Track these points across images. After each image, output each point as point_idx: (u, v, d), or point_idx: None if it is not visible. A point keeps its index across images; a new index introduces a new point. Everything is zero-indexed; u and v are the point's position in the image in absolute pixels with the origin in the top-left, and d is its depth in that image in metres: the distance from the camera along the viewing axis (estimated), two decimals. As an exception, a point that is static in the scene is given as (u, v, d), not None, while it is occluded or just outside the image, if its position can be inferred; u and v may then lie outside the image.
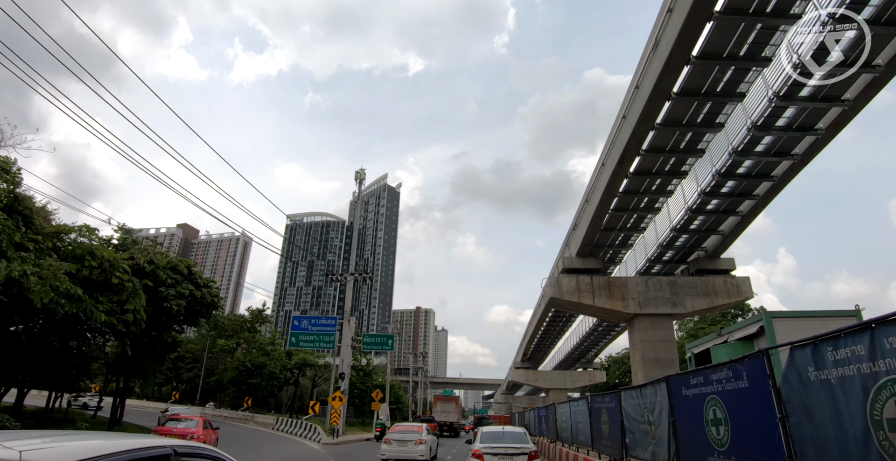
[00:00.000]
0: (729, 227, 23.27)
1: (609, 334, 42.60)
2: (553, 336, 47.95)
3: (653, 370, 22.89)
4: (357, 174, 63.15)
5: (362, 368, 49.73)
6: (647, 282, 24.82)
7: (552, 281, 24.52)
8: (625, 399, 10.62)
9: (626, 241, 25.73)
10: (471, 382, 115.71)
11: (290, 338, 33.35)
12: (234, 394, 40.61)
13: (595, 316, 26.31)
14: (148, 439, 2.51)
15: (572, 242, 25.93)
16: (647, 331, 23.83)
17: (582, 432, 15.34)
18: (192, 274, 24.47)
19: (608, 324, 37.74)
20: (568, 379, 52.57)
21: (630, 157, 18.36)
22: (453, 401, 45.07)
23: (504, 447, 11.06)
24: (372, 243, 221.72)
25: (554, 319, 39.97)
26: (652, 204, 22.28)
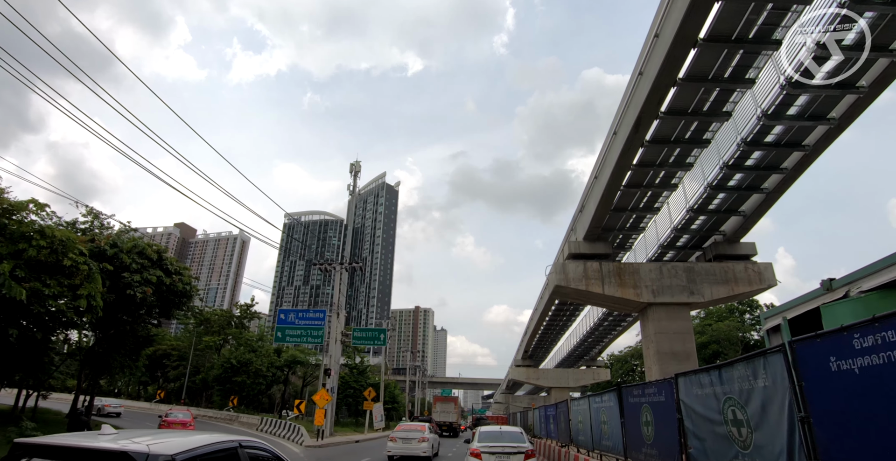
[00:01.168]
0: (752, 206, 21.13)
1: (614, 330, 40.41)
2: (556, 332, 45.73)
3: (669, 364, 20.75)
4: (352, 166, 61.03)
5: (356, 366, 47.55)
6: (662, 268, 22.67)
7: (557, 267, 22.36)
8: (685, 388, 7.64)
9: (638, 224, 23.58)
10: (470, 382, 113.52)
11: (276, 332, 31.22)
12: (219, 393, 38.41)
13: (604, 306, 24.16)
14: (222, 435, 3.76)
15: (578, 226, 23.77)
16: (662, 322, 21.68)
17: (609, 435, 12.42)
18: (163, 259, 22.28)
19: (614, 318, 35.56)
20: (571, 377, 50.38)
21: (647, 120, 16.20)
22: (452, 401, 45.43)
23: (501, 446, 11.22)
24: (370, 242, 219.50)
25: (557, 314, 37.77)
26: (668, 179, 20.13)
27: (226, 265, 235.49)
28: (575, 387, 51.94)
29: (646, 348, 22.41)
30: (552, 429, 21.63)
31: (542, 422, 24.21)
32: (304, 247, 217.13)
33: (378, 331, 30.78)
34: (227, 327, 42.19)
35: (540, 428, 24.37)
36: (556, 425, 20.38)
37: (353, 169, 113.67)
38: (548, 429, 22.78)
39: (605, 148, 19.54)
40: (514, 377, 52.43)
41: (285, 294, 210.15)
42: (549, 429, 22.31)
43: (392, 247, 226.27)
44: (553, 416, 21.65)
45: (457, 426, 43.16)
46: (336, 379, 29.75)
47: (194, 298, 25.25)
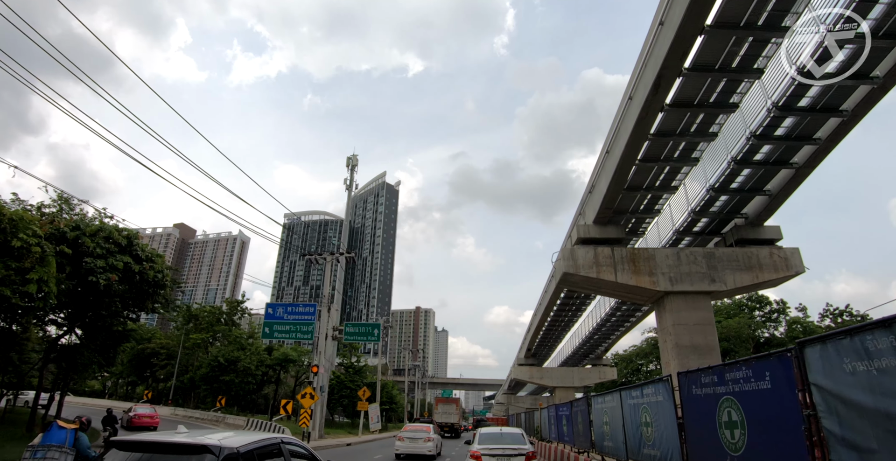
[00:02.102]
0: (779, 184, 19.16)
1: (622, 326, 38.37)
2: (560, 329, 43.70)
3: (689, 358, 18.78)
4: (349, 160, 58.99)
5: (352, 365, 45.58)
6: (679, 254, 20.68)
7: (565, 253, 20.39)
8: (825, 365, 4.75)
9: (653, 206, 21.60)
10: (471, 383, 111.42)
11: (264, 328, 29.28)
12: (205, 392, 36.45)
13: (616, 296, 22.19)
14: (269, 434, 4.78)
15: (588, 209, 21.81)
16: (681, 313, 19.69)
17: (656, 441, 9.36)
18: (133, 245, 20.35)
19: (623, 313, 33.53)
20: (576, 376, 48.30)
21: (668, 79, 14.25)
22: (454, 402, 45.99)
23: (502, 448, 11.09)
24: (370, 242, 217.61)
25: (562, 308, 35.76)
26: (688, 153, 18.17)
27: (225, 265, 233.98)
28: (580, 386, 49.88)
29: (662, 342, 20.42)
30: (565, 431, 18.82)
31: (552, 424, 21.21)
32: (305, 247, 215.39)
33: (372, 326, 28.83)
34: (215, 324, 40.24)
35: (549, 430, 21.58)
36: (572, 427, 17.42)
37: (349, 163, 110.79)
38: (559, 431, 19.91)
39: (618, 117, 17.58)
40: (517, 376, 50.37)
41: (285, 294, 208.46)
42: (562, 431, 19.42)
43: (392, 247, 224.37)
44: (567, 417, 18.55)
45: (458, 427, 43.86)
46: (327, 378, 27.80)
47: (169, 289, 23.30)
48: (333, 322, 29.36)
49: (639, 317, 36.23)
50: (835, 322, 51.82)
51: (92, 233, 18.91)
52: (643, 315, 35.57)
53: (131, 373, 48.34)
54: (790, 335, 51.44)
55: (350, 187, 55.84)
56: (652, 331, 76.86)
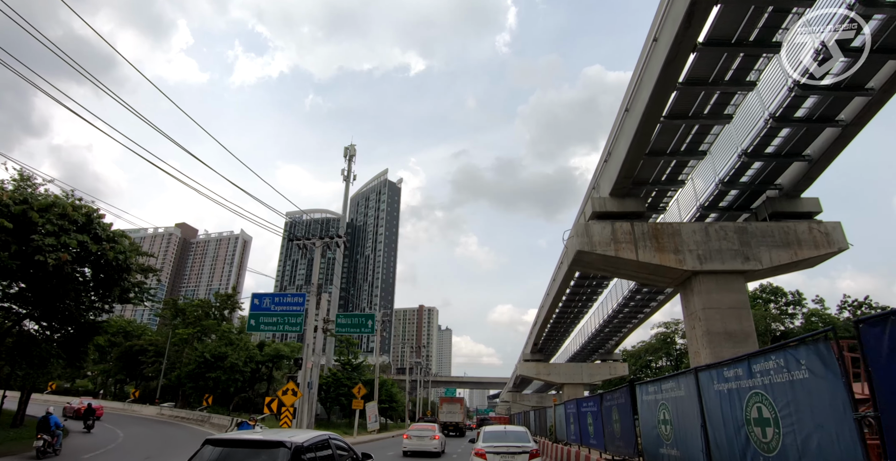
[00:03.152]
0: (820, 147, 16.76)
1: (636, 317, 35.95)
2: (568, 322, 41.28)
3: (723, 347, 16.41)
4: (346, 150, 56.59)
5: (349, 362, 43.32)
6: (708, 229, 18.29)
7: (579, 229, 18.02)
8: None
9: (676, 176, 19.20)
10: (475, 381, 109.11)
11: (249, 320, 27.01)
12: (191, 390, 34.28)
13: (636, 277, 19.79)
14: (320, 431, 6.58)
15: (603, 180, 19.43)
16: (712, 295, 17.30)
17: (792, 452, 5.93)
18: (92, 223, 18.14)
19: (638, 301, 31.11)
20: (585, 372, 45.86)
21: (703, 7, 11.88)
22: (458, 402, 46.58)
23: (506, 446, 11.20)
24: (373, 239, 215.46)
25: (571, 298, 33.34)
26: (720, 108, 15.75)
27: (227, 265, 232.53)
28: (589, 383, 47.48)
29: (690, 329, 18.02)
30: (590, 431, 14.99)
31: (572, 423, 17.45)
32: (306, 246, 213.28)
33: (365, 317, 26.52)
34: (203, 319, 38.05)
35: (566, 430, 18.05)
36: (602, 426, 13.73)
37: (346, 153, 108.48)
38: (581, 431, 16.03)
39: (640, 67, 15.18)
40: (523, 373, 47.99)
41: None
42: (585, 431, 15.55)
43: (395, 244, 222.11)
44: (594, 413, 14.48)
45: (463, 426, 44.57)
46: (316, 373, 25.55)
47: (135, 273, 21.09)
48: (324, 313, 27.11)
49: (653, 308, 33.81)
50: (854, 314, 49.24)
51: (42, 207, 16.69)
52: (658, 305, 33.15)
53: (119, 371, 46.28)
54: (808, 327, 48.82)
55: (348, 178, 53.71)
56: (661, 326, 74.57)
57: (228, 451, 5.75)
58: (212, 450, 5.70)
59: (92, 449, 17.66)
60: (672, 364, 70.42)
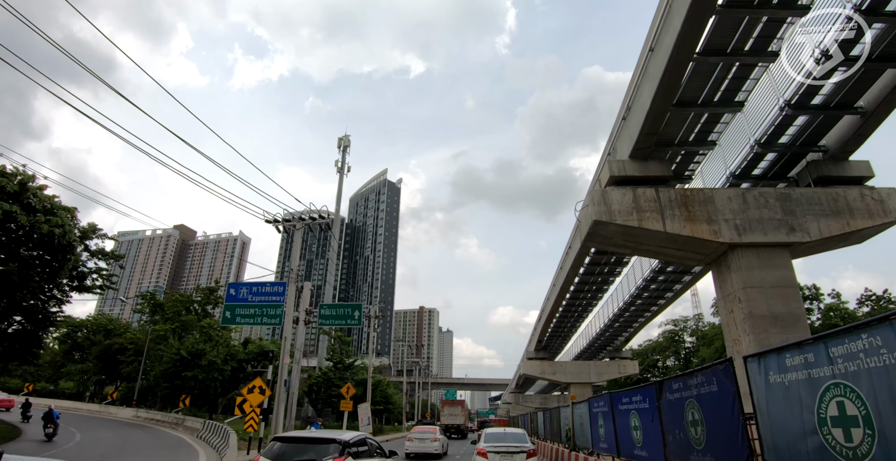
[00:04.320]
0: (877, 96, 14.14)
1: (650, 309, 33.19)
2: (576, 315, 38.49)
3: (768, 332, 13.74)
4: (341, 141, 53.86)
5: (341, 361, 40.59)
6: (745, 196, 15.62)
7: (595, 197, 15.32)
8: None
9: (706, 135, 16.50)
10: (476, 382, 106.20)
11: (224, 312, 24.29)
12: (166, 390, 31.58)
13: (661, 253, 16.95)
14: (360, 432, 8.85)
15: (621, 142, 16.75)
16: (754, 272, 14.61)
17: None
18: (26, 191, 15.52)
19: (655, 289, 28.32)
20: (593, 371, 43.05)
21: None
22: (459, 404, 47.23)
23: (506, 446, 12.02)
24: (372, 240, 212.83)
25: (580, 289, 30.56)
26: (764, 42, 13.10)
27: (226, 267, 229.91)
28: (597, 382, 44.73)
29: (726, 313, 15.29)
30: (635, 438, 10.38)
31: (602, 426, 12.87)
32: (305, 246, 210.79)
33: (352, 307, 23.83)
34: (184, 314, 35.36)
35: (594, 435, 13.47)
36: (665, 431, 8.95)
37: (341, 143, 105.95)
38: (621, 438, 11.29)
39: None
40: (526, 372, 45.19)
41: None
42: (627, 438, 10.95)
43: (395, 245, 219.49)
44: (645, 412, 9.79)
45: (464, 428, 44.99)
46: (297, 370, 22.86)
47: (79, 253, 18.46)
48: (307, 303, 24.44)
49: (668, 300, 31.07)
50: (874, 308, 46.54)
51: (-43, 171, 14.07)
52: (673, 296, 30.40)
53: (99, 372, 43.56)
54: (826, 323, 46.04)
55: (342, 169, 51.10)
56: (670, 323, 71.76)
57: (292, 446, 7.36)
58: (279, 444, 7.36)
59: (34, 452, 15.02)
60: (681, 363, 67.67)
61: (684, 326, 69.40)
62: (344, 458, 7.08)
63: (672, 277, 25.64)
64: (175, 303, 35.28)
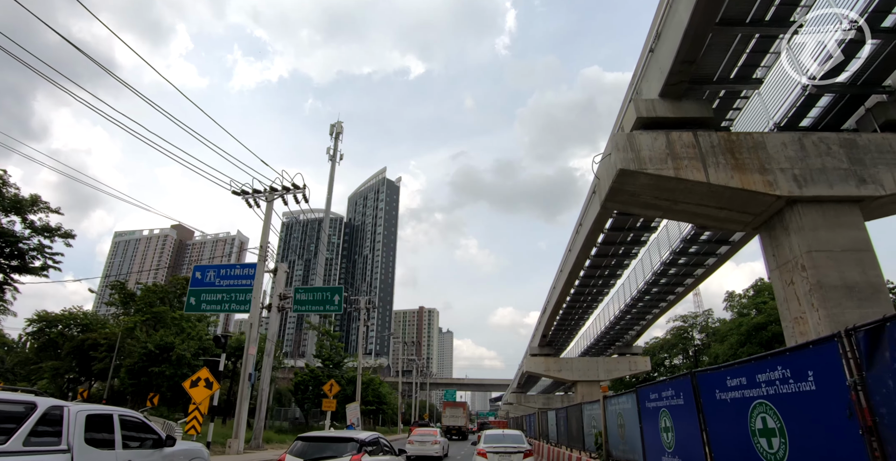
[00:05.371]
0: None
1: (666, 299, 30.16)
2: (585, 306, 35.42)
3: (843, 306, 10.84)
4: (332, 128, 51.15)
5: (329, 358, 37.61)
6: (803, 141, 12.68)
7: (620, 142, 12.37)
8: None
9: (751, 72, 13.55)
10: (477, 383, 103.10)
11: (189, 298, 21.56)
12: (132, 388, 28.64)
13: (699, 213, 13.75)
14: (373, 432, 9.61)
15: (648, 79, 13.81)
16: (819, 232, 11.67)
17: None
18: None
19: (674, 275, 25.31)
20: (601, 368, 40.00)
21: None
22: (461, 406, 48.21)
23: (504, 446, 12.59)
24: (371, 239, 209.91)
25: (590, 274, 27.55)
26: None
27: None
28: (606, 380, 41.77)
29: (783, 285, 12.32)
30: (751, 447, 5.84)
31: (667, 429, 8.26)
32: (303, 245, 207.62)
33: (330, 291, 20.94)
34: (157, 305, 32.41)
35: (646, 444, 9.26)
36: (805, 437, 5.05)
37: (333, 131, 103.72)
38: (706, 447, 6.81)
39: None
40: (530, 369, 42.15)
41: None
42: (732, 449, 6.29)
43: (394, 244, 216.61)
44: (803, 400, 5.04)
45: (465, 429, 45.55)
46: (268, 365, 19.89)
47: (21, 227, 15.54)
48: (281, 287, 21.53)
49: (687, 287, 28.04)
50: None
51: None
52: (694, 283, 27.36)
53: (71, 369, 40.60)
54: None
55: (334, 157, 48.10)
56: (678, 319, 68.77)
57: (314, 444, 8.31)
58: (302, 443, 8.24)
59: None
60: (690, 361, 64.72)
61: (693, 323, 66.46)
62: (361, 456, 7.81)
63: (693, 260, 22.56)
64: (148, 293, 32.41)
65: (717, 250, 21.21)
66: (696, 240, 20.50)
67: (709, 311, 66.18)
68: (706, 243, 20.58)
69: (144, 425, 7.12)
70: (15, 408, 5.02)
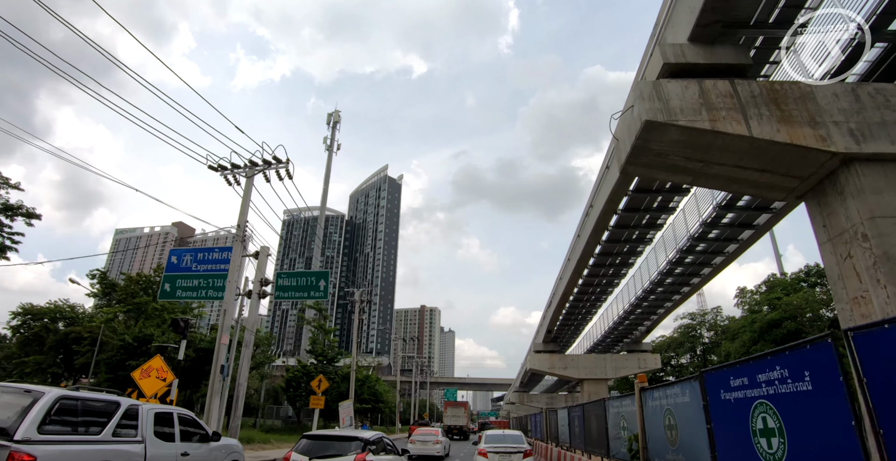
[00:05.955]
0: None
1: (680, 291, 28.23)
2: (592, 299, 33.47)
3: (917, 282, 8.91)
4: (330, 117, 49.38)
5: (323, 354, 35.83)
6: (857, 92, 10.80)
7: (644, 91, 10.50)
8: None
9: (793, 15, 11.68)
10: (478, 382, 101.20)
11: (163, 285, 19.79)
12: (109, 384, 26.89)
13: (734, 179, 11.78)
14: (377, 432, 9.91)
15: (675, 25, 11.91)
16: (882, 196, 9.79)
17: None
18: None
19: (691, 263, 23.39)
20: (609, 365, 38.07)
21: None
22: (462, 406, 48.17)
23: (504, 446, 12.87)
24: (372, 237, 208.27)
25: (601, 262, 25.63)
26: None
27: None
28: (614, 378, 39.94)
29: (837, 260, 10.45)
30: None
31: (760, 431, 5.66)
32: (304, 243, 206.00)
33: (316, 276, 19.12)
34: (140, 296, 30.72)
35: (718, 449, 6.64)
36: None
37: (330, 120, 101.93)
38: None
39: None
40: (533, 366, 40.22)
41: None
42: None
43: (395, 242, 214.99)
44: None
45: (467, 429, 45.86)
46: (247, 357, 18.13)
47: None
48: (263, 272, 19.76)
49: (704, 277, 26.08)
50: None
51: None
52: (711, 273, 25.39)
53: (54, 364, 39.04)
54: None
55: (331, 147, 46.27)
56: (686, 317, 66.80)
57: (319, 443, 8.40)
58: (308, 441, 8.39)
59: None
60: (699, 360, 62.82)
61: (702, 320, 64.53)
62: (365, 454, 8.08)
63: (714, 247, 20.54)
64: (130, 284, 30.70)
65: (725, 249, 19.25)
66: (704, 237, 18.52)
67: (718, 309, 64.27)
68: (714, 241, 18.63)
69: (196, 422, 8.25)
70: (106, 406, 6.28)
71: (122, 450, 6.22)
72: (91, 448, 5.85)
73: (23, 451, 4.99)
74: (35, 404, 5.51)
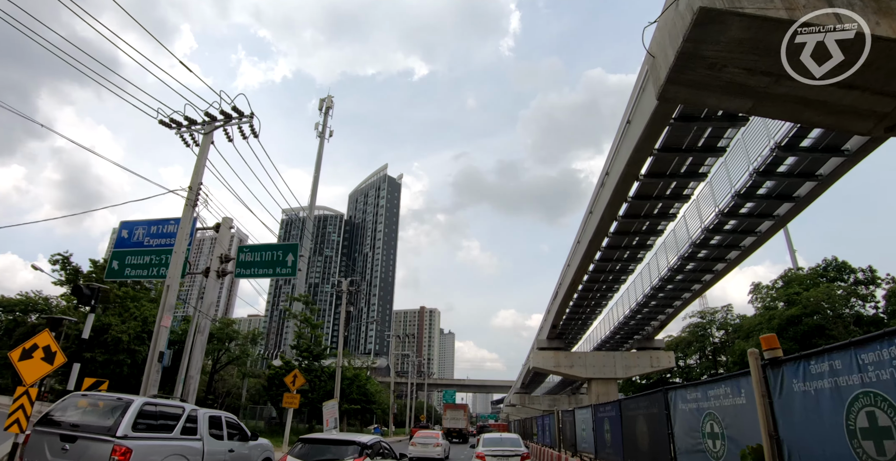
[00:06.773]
0: None
1: (696, 284, 25.39)
2: (602, 291, 30.59)
3: None
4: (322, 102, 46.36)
5: (308, 349, 33.07)
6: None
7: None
8: None
9: None
10: (478, 384, 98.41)
11: (111, 262, 17.19)
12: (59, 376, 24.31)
13: (810, 100, 9.22)
14: (377, 435, 10.90)
15: None
16: None
17: None
18: None
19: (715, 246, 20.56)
20: (619, 364, 35.15)
21: None
22: (462, 409, 47.69)
23: (502, 450, 13.24)
24: (371, 237, 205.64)
25: (613, 244, 22.71)
26: None
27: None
28: (623, 378, 37.11)
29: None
30: None
31: None
32: (302, 242, 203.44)
33: (284, 250, 16.46)
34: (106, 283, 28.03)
35: None
36: None
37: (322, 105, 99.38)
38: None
39: None
40: (537, 365, 37.26)
41: (282, 293, 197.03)
42: None
43: (394, 243, 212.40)
44: None
45: (466, 432, 45.25)
46: (201, 344, 15.45)
47: None
48: (225, 248, 17.11)
49: (730, 262, 23.22)
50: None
51: None
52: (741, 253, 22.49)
53: (21, 362, 36.27)
54: (892, 310, 37.89)
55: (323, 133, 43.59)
56: (695, 315, 63.98)
57: (316, 446, 8.55)
58: (305, 445, 8.49)
59: None
60: (708, 359, 60.11)
61: (711, 319, 61.82)
62: (362, 459, 8.10)
63: (725, 244, 17.86)
64: (97, 270, 28.11)
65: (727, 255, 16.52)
66: (736, 213, 15.80)
67: (729, 307, 61.56)
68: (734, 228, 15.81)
69: (238, 425, 9.93)
70: (174, 411, 8.14)
71: (188, 445, 7.78)
72: (167, 444, 7.43)
73: (123, 445, 6.49)
74: (128, 409, 7.01)
